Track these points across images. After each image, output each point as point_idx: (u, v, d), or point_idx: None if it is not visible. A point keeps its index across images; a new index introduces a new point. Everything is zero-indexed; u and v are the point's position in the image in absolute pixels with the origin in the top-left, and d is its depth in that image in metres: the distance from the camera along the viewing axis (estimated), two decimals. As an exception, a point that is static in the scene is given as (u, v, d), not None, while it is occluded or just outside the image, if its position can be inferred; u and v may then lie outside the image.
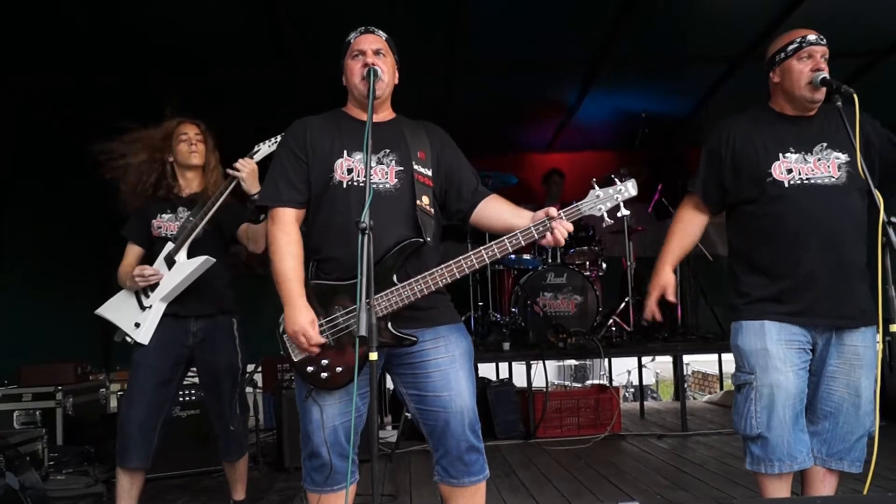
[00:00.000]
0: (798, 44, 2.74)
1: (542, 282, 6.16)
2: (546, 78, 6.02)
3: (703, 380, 11.10)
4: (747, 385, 2.76)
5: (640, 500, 2.01)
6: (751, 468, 2.79)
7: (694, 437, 5.58)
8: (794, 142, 2.75)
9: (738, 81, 5.93)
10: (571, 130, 7.10)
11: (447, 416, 2.45)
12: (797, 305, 2.69)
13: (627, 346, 6.14)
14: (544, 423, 5.55)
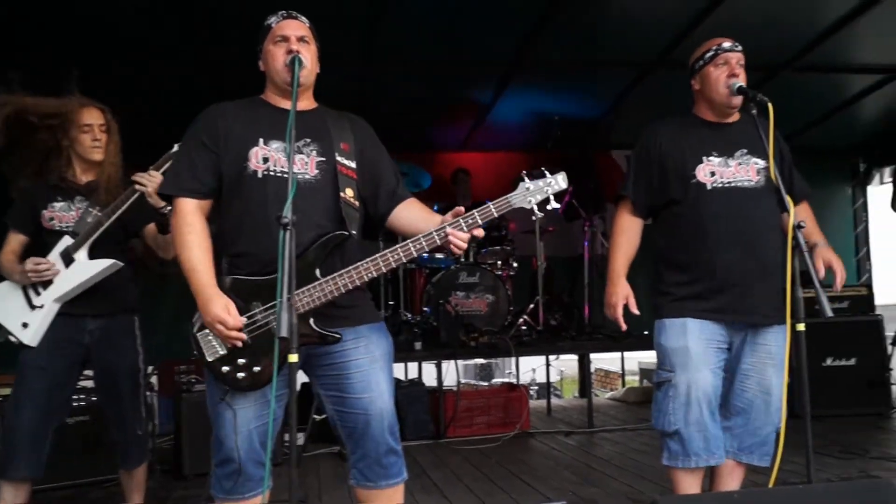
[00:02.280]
0: (714, 51, 2.85)
1: (455, 281, 6.15)
2: (462, 77, 6.03)
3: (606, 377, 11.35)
4: (667, 383, 2.82)
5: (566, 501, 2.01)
6: (667, 463, 2.86)
7: (600, 434, 5.68)
8: (717, 146, 2.85)
9: (648, 87, 6.07)
10: (485, 130, 7.12)
11: (367, 419, 2.39)
12: (718, 303, 2.78)
13: (537, 345, 6.19)
14: (455, 423, 5.54)
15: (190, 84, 5.31)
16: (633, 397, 7.28)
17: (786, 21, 5.18)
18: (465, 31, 5.14)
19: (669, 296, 2.86)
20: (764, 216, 2.80)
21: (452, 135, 7.40)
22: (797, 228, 2.52)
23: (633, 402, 7.18)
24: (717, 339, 2.80)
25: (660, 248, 2.96)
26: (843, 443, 4.75)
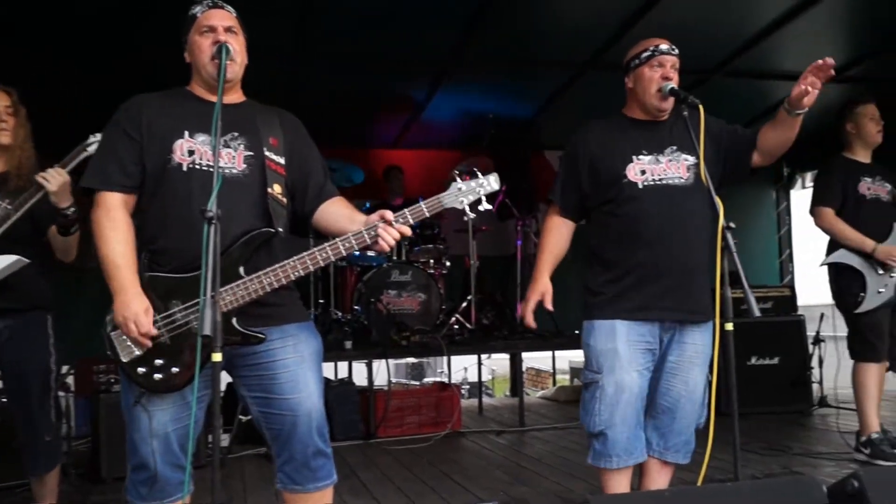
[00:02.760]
0: (651, 52, 2.85)
1: (387, 279, 6.09)
2: (396, 73, 5.95)
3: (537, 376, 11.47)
4: (594, 384, 2.81)
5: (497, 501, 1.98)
6: (592, 462, 2.86)
7: (531, 433, 5.69)
8: (647, 144, 2.85)
9: (581, 88, 6.11)
10: (419, 128, 7.07)
11: (295, 420, 2.32)
12: (645, 301, 2.78)
13: (469, 345, 6.18)
14: (385, 423, 5.48)
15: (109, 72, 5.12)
16: (564, 396, 7.34)
17: (716, 27, 5.26)
18: (399, 27, 5.08)
19: (600, 296, 2.86)
20: (694, 214, 2.82)
21: (386, 131, 7.34)
22: (726, 229, 2.53)
23: (563, 400, 7.24)
24: (645, 341, 2.80)
25: (591, 248, 2.96)
26: (766, 440, 4.86)
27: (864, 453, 4.19)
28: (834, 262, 4.30)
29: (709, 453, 2.66)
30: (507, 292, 7.09)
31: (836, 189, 4.28)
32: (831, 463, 4.27)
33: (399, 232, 2.30)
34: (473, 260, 6.52)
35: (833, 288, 4.38)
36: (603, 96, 3.12)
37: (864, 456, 4.18)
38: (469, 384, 11.70)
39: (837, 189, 4.27)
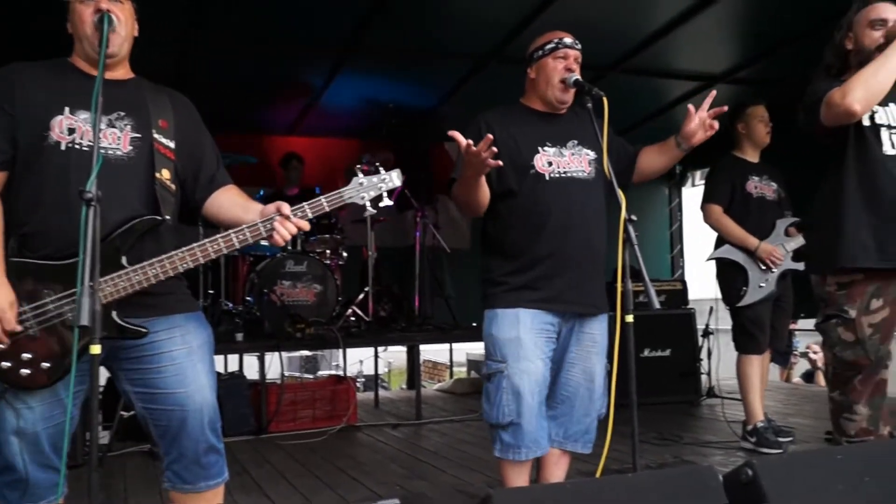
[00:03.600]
0: (555, 44, 2.84)
1: (281, 269, 5.90)
2: (293, 57, 5.77)
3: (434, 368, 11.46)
4: (499, 374, 2.77)
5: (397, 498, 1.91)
6: (500, 455, 2.82)
7: (428, 426, 5.65)
8: (550, 136, 2.85)
9: (482, 80, 6.08)
10: (316, 115, 6.90)
11: (184, 415, 2.18)
12: (550, 293, 2.77)
13: (366, 337, 6.08)
14: (278, 417, 5.32)
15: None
16: (461, 388, 7.34)
17: (614, 25, 5.33)
18: (297, 9, 4.91)
19: (503, 285, 2.82)
20: (596, 208, 2.85)
21: (281, 117, 7.13)
22: (628, 222, 2.54)
23: (460, 393, 7.24)
24: (547, 329, 2.79)
25: (492, 239, 2.92)
26: (658, 429, 4.97)
27: (751, 442, 4.33)
28: (719, 258, 4.46)
29: (608, 444, 2.68)
30: (405, 284, 7.02)
31: (724, 187, 4.41)
32: (720, 451, 4.40)
33: (296, 226, 2.20)
34: (371, 251, 6.41)
35: (719, 282, 4.53)
36: (504, 89, 3.09)
37: (751, 444, 4.33)
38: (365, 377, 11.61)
39: (726, 187, 4.41)
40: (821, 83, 2.81)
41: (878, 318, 2.74)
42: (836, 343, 2.81)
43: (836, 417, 2.87)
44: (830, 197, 2.84)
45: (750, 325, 4.35)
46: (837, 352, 2.82)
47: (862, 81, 2.65)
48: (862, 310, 2.75)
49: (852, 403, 2.80)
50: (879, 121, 2.77)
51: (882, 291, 2.74)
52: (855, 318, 2.75)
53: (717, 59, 6.09)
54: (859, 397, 2.79)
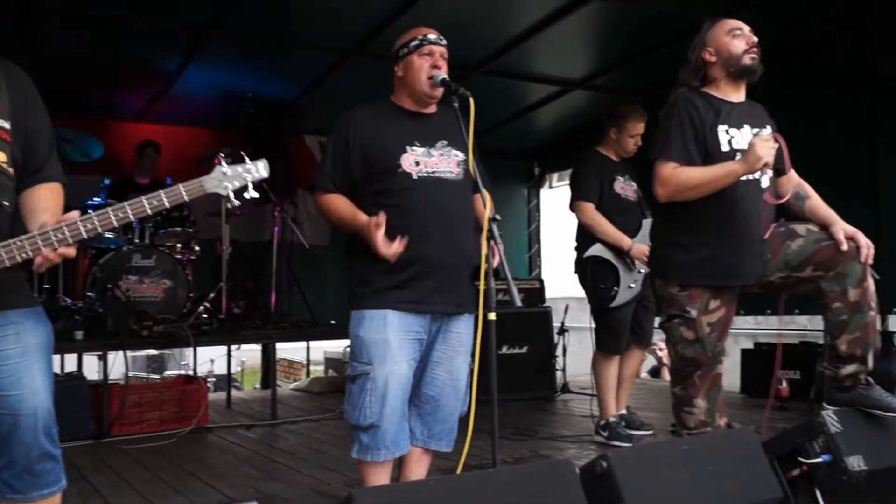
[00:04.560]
0: (419, 41, 2.82)
1: (126, 263, 5.57)
2: (144, 39, 5.46)
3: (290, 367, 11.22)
4: (364, 376, 2.73)
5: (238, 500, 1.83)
6: (357, 456, 2.78)
7: (283, 426, 5.51)
8: (419, 136, 2.83)
9: (345, 74, 6.00)
10: (169, 101, 6.57)
11: (16, 420, 2.00)
12: (419, 294, 2.75)
13: (219, 335, 5.87)
14: (121, 420, 5.02)
15: None
16: (318, 387, 7.21)
17: (477, 27, 5.39)
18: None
19: (371, 285, 2.78)
20: (463, 208, 2.86)
21: (131, 103, 6.75)
22: (492, 221, 2.55)
23: (317, 392, 7.11)
24: (415, 331, 2.78)
25: (359, 238, 2.85)
26: (515, 425, 5.04)
27: (603, 436, 4.47)
28: (591, 256, 4.44)
29: (469, 441, 2.69)
30: (261, 280, 6.82)
31: (594, 184, 4.45)
32: (574, 445, 4.52)
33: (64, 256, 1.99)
34: (226, 245, 6.19)
35: (588, 281, 4.49)
36: (368, 83, 3.07)
37: (603, 438, 4.46)
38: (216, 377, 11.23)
39: (595, 185, 4.44)
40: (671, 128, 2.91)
41: (715, 317, 2.90)
42: (679, 341, 2.95)
43: (677, 411, 3.01)
44: (680, 211, 2.94)
45: (616, 326, 4.42)
46: (679, 349, 2.96)
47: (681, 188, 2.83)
48: (702, 310, 2.89)
49: (692, 397, 2.94)
50: (736, 146, 2.89)
51: (719, 293, 2.90)
52: (695, 318, 2.89)
53: (575, 66, 6.29)
54: (698, 392, 2.94)
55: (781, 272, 2.92)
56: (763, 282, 2.96)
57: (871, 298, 2.85)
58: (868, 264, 2.85)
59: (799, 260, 2.88)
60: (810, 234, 2.91)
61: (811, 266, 2.86)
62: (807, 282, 2.90)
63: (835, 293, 2.83)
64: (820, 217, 2.99)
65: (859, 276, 2.82)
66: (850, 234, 2.85)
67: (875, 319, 2.88)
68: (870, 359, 2.88)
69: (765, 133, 2.96)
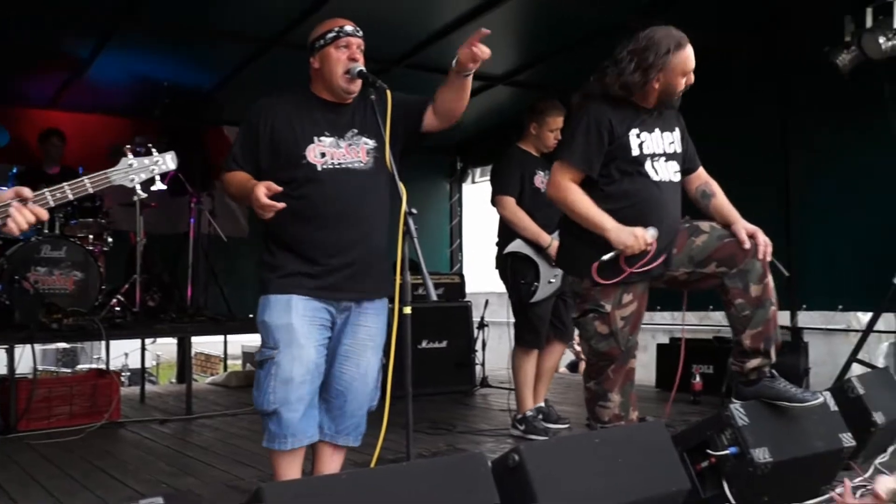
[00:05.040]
0: (336, 33, 2.81)
1: (35, 254, 5.39)
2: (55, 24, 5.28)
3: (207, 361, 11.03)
4: (270, 360, 2.72)
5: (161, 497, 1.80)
6: (267, 445, 2.77)
7: (199, 420, 5.43)
8: (329, 126, 2.82)
9: (264, 65, 5.91)
10: (81, 89, 6.35)
11: None
12: (325, 282, 2.76)
13: (133, 328, 5.71)
14: (28, 415, 4.86)
15: None
16: (236, 381, 7.11)
17: (401, 19, 5.39)
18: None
19: (277, 271, 2.78)
20: (374, 199, 2.84)
21: (40, 89, 6.50)
22: (408, 215, 2.56)
23: (234, 386, 7.01)
24: (321, 317, 2.78)
25: (269, 227, 2.84)
26: (432, 419, 5.08)
27: (520, 429, 4.52)
28: (511, 252, 4.45)
29: (382, 436, 2.70)
30: (176, 273, 6.69)
31: (515, 179, 4.47)
32: (491, 439, 4.57)
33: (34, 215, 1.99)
34: (140, 237, 6.03)
35: (508, 276, 4.50)
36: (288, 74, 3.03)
37: (519, 432, 4.51)
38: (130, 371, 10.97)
39: (516, 179, 4.46)
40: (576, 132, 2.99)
41: (628, 311, 2.96)
42: (593, 336, 3.00)
43: (591, 405, 3.06)
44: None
45: (536, 321, 4.46)
46: (593, 343, 3.00)
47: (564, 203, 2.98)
48: (615, 304, 2.95)
49: (606, 392, 3.00)
50: (646, 150, 2.97)
51: (631, 288, 2.96)
52: (609, 312, 2.94)
53: (497, 61, 6.32)
54: (612, 386, 2.99)
55: (686, 267, 3.01)
56: (668, 277, 3.05)
57: (772, 294, 2.97)
58: (767, 261, 2.96)
59: (703, 256, 2.98)
60: (714, 231, 3.01)
61: (714, 262, 2.97)
62: (711, 278, 3.00)
63: (737, 289, 2.94)
64: (723, 215, 3.09)
65: (760, 273, 2.93)
66: (751, 231, 2.96)
67: (776, 314, 2.99)
68: (773, 352, 3.00)
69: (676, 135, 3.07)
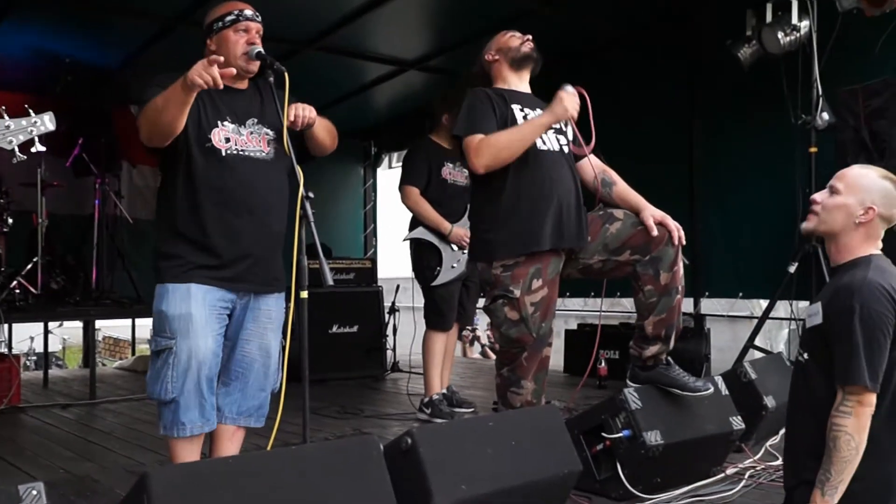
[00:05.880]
0: (235, 16, 2.77)
1: (-71, 236, 5.20)
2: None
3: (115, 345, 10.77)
4: (167, 350, 2.68)
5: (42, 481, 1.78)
6: (164, 433, 2.74)
7: (103, 405, 5.34)
8: (230, 113, 2.78)
9: (171, 44, 5.76)
10: (-27, 63, 6.11)
11: None
12: (224, 271, 2.73)
13: (34, 311, 5.56)
14: (-81, 403, 4.72)
15: None
16: (143, 366, 6.95)
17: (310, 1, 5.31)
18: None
19: (175, 260, 2.73)
20: (275, 188, 2.83)
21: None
22: (305, 199, 2.56)
23: (142, 370, 6.84)
24: (220, 306, 2.75)
25: (166, 212, 2.80)
26: (341, 403, 5.10)
27: (426, 413, 4.58)
28: (415, 238, 4.61)
29: (279, 418, 2.71)
30: (81, 255, 6.50)
31: (422, 170, 4.56)
32: (398, 423, 4.61)
33: None
34: (42, 217, 5.85)
35: (413, 261, 4.67)
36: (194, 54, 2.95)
37: (426, 415, 4.57)
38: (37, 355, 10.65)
39: (423, 170, 4.56)
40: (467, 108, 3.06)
41: (538, 297, 2.99)
42: (503, 322, 3.02)
43: (503, 391, 3.09)
44: (488, 191, 3.05)
45: (441, 303, 4.56)
46: (504, 330, 3.03)
47: (494, 150, 2.92)
48: (525, 290, 2.97)
49: (520, 379, 3.02)
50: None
51: (541, 273, 2.99)
52: (519, 298, 2.97)
53: (410, 46, 6.34)
54: (526, 373, 3.02)
55: (601, 255, 3.08)
56: (583, 265, 3.12)
57: (679, 282, 3.06)
58: (680, 247, 3.05)
59: (617, 244, 3.05)
60: (627, 219, 3.08)
61: (629, 250, 3.04)
62: (625, 265, 3.08)
63: (648, 276, 3.02)
64: (629, 203, 3.16)
65: (671, 260, 3.02)
66: (659, 218, 3.04)
67: (680, 302, 3.08)
68: (672, 339, 3.10)
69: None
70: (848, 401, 2.12)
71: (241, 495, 1.92)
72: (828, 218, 2.34)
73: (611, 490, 2.94)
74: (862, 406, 2.12)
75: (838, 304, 2.20)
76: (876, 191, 2.28)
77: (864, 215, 2.27)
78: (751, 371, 3.64)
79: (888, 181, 2.30)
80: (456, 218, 4.52)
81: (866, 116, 3.96)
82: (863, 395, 2.11)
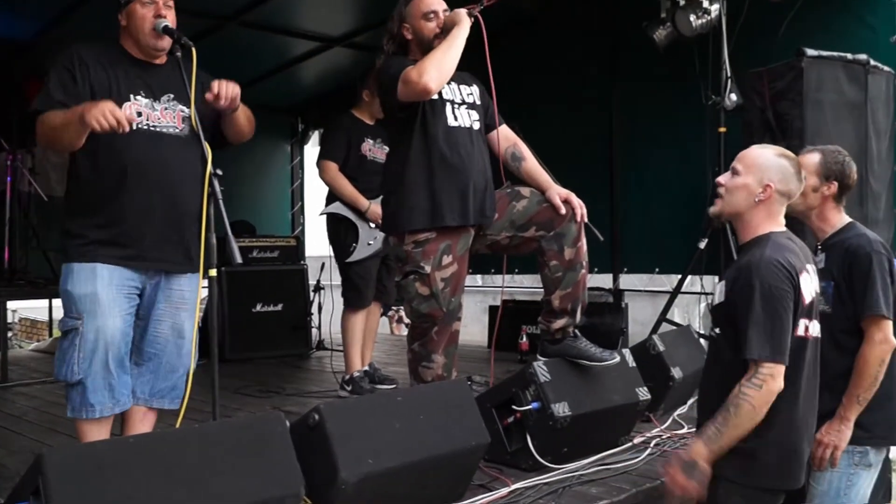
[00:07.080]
0: None
1: None
2: None
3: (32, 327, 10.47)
4: (74, 331, 2.65)
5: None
6: (72, 415, 2.72)
7: (15, 389, 5.19)
8: (144, 87, 2.75)
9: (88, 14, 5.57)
10: None
11: None
12: (132, 250, 2.70)
13: (-60, 292, 5.37)
14: None
15: None
16: (60, 348, 6.81)
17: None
18: None
19: (80, 239, 2.68)
20: (188, 165, 2.77)
21: None
22: (213, 176, 2.54)
23: (60, 352, 6.71)
24: (128, 285, 2.72)
25: (73, 189, 2.75)
26: (263, 382, 5.08)
27: (347, 390, 4.57)
28: (331, 213, 4.57)
29: (187, 397, 2.70)
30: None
31: (341, 145, 4.53)
32: (319, 400, 4.51)
33: None
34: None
35: (329, 236, 4.65)
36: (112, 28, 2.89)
37: (346, 393, 4.56)
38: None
39: (343, 145, 4.52)
40: (393, 61, 3.04)
41: (448, 272, 3.03)
42: (415, 297, 3.05)
43: (414, 366, 3.13)
44: (399, 165, 3.07)
45: (357, 280, 4.54)
46: (415, 305, 3.06)
47: (435, 63, 2.89)
48: (435, 265, 3.01)
49: (430, 353, 3.07)
50: (445, 96, 3.07)
51: (451, 249, 3.03)
52: (430, 273, 3.00)
53: (336, 22, 6.28)
54: (436, 347, 3.06)
55: (508, 231, 3.14)
56: (491, 241, 3.17)
57: (583, 257, 3.14)
58: (582, 224, 3.13)
59: (523, 220, 3.12)
60: (534, 196, 3.14)
61: (534, 226, 3.10)
62: (531, 241, 3.14)
63: (553, 251, 3.09)
64: (536, 181, 3.22)
65: (574, 236, 3.09)
66: (564, 196, 3.11)
67: (585, 277, 3.17)
68: (578, 313, 3.18)
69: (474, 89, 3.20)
70: (759, 374, 2.18)
71: (139, 475, 1.91)
72: (731, 199, 2.42)
73: (521, 461, 3.01)
74: (773, 379, 2.18)
75: (740, 282, 2.29)
76: (773, 168, 2.36)
77: (762, 193, 2.35)
78: (659, 344, 3.75)
79: (784, 158, 2.39)
80: (374, 194, 4.46)
81: (771, 98, 4.08)
82: (772, 367, 2.18)
